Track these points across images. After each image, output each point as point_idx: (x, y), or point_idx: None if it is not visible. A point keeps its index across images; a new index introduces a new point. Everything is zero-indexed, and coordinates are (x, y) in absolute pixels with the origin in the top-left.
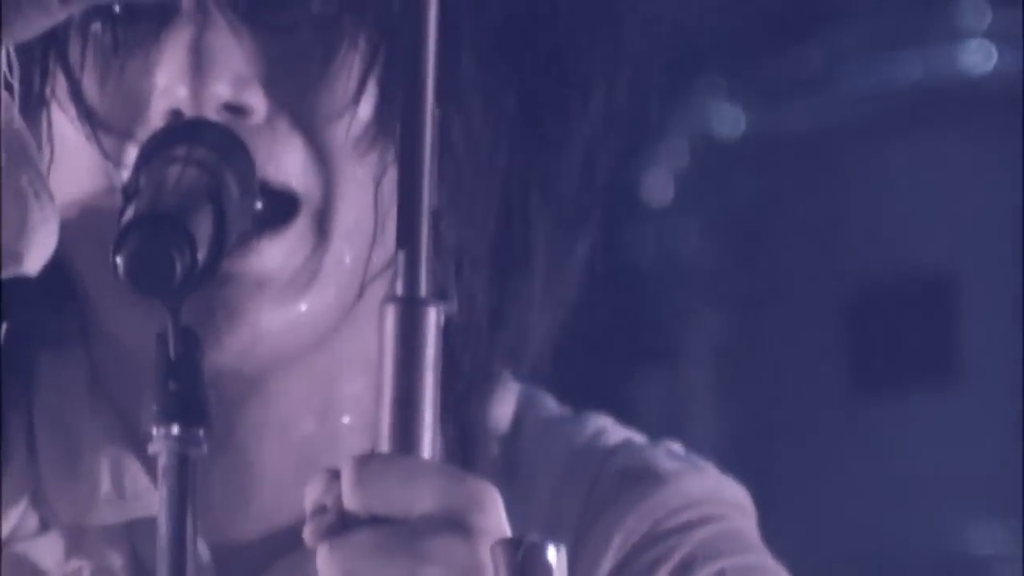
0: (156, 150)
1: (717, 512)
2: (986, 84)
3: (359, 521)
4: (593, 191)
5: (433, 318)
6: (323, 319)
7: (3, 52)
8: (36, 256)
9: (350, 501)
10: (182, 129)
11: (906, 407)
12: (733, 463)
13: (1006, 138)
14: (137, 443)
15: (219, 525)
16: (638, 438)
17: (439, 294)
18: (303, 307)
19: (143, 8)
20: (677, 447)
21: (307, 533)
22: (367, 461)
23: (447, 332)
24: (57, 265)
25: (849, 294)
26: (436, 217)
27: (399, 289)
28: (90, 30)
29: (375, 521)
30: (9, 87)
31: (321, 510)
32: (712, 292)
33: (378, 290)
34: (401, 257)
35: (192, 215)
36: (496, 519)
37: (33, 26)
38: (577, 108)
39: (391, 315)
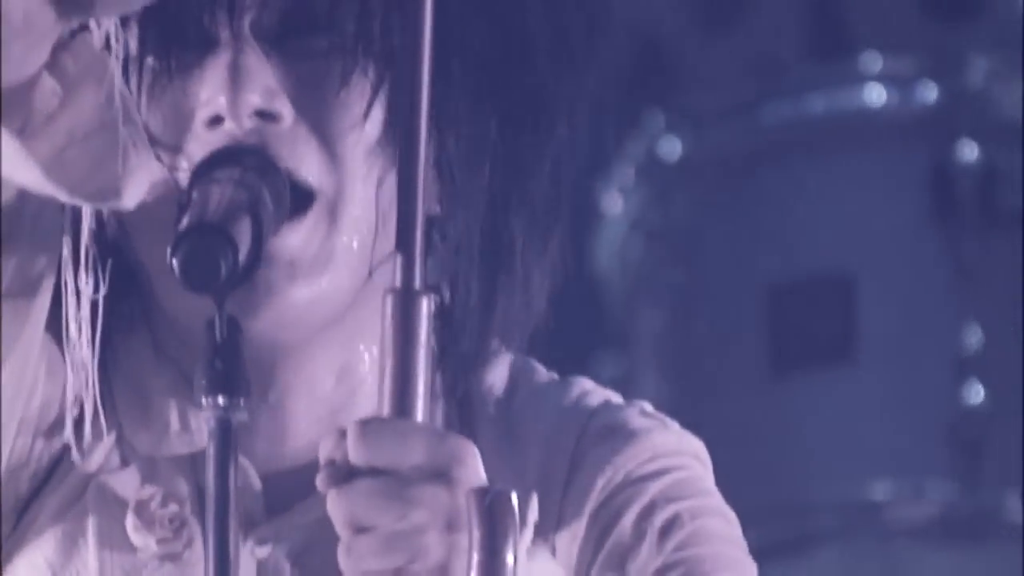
0: (206, 171)
1: (678, 463)
2: (878, 117)
3: (361, 472)
4: (559, 200)
5: (425, 307)
6: (340, 295)
7: (113, 25)
8: (132, 194)
9: (354, 455)
10: (228, 153)
11: (814, 384)
12: None
13: (896, 161)
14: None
15: (265, 461)
16: (616, 398)
17: (432, 287)
18: (324, 283)
19: (188, 40)
20: (648, 406)
21: (319, 481)
22: (369, 423)
23: (447, 316)
24: (124, 262)
25: (767, 290)
26: (435, 220)
27: (397, 282)
28: (145, 62)
29: (374, 472)
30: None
31: (331, 463)
32: (654, 288)
33: (383, 274)
34: (399, 256)
35: (234, 225)
36: (474, 471)
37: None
38: (545, 134)
39: (391, 304)
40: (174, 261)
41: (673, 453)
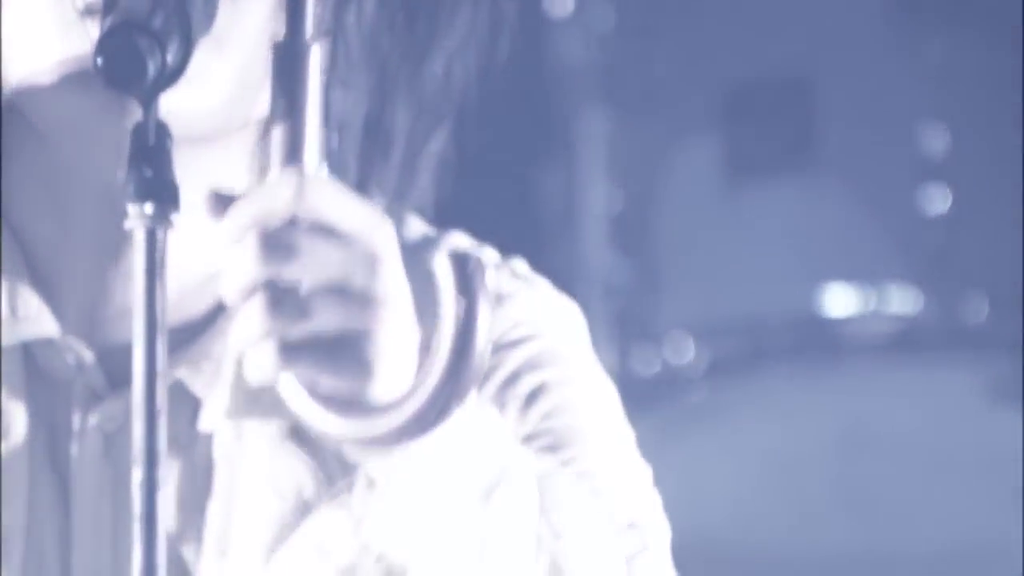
0: None
1: (544, 329)
2: None
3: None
4: (448, 99)
5: (315, 56)
6: (214, 118)
7: None
8: None
9: (296, 206)
10: None
11: (771, 189)
12: (623, 237)
13: None
14: (31, 270)
15: (110, 332)
16: (490, 256)
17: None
18: (205, 95)
19: None
20: (521, 265)
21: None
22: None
23: None
24: None
25: (723, 93)
26: (326, 89)
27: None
28: None
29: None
30: None
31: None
32: (606, 93)
33: (250, 134)
34: (289, 3)
35: (163, 24)
36: (394, 246)
37: None
38: (444, 24)
39: (278, 54)
40: (99, 60)
41: (539, 319)
